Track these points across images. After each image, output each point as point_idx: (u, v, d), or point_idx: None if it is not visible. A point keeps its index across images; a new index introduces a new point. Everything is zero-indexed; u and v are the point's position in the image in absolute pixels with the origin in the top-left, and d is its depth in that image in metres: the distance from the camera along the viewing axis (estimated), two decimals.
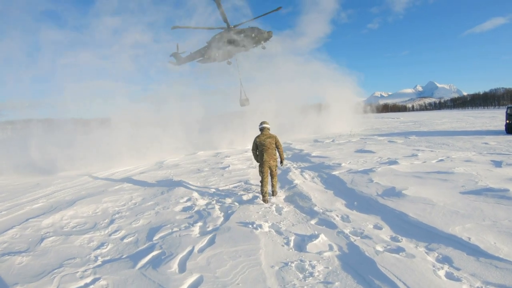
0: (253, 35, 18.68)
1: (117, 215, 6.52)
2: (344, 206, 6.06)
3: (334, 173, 8.71)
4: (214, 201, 6.93)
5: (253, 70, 22.70)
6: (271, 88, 23.19)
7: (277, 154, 6.88)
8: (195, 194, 7.62)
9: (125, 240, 5.06)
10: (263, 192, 6.61)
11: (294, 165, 10.83)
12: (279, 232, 4.80)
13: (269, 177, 7.28)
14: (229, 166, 11.12)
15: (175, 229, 5.25)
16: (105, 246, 4.87)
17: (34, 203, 8.19)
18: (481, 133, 19.30)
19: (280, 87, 23.97)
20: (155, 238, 4.95)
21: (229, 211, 6.01)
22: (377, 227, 4.95)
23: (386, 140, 17.57)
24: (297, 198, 6.69)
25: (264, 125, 6.90)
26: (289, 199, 6.76)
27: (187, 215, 6.08)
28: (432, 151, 12.21)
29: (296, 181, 8.01)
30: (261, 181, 6.67)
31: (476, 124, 28.47)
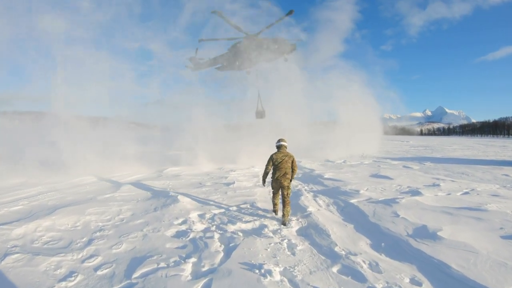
0: (276, 46, 17.93)
1: (98, 233, 5.55)
2: (370, 247, 5.01)
3: (352, 201, 7.67)
4: (214, 226, 5.92)
5: (273, 82, 21.81)
6: (288, 102, 22.16)
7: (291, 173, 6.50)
8: (193, 215, 6.62)
9: (99, 272, 4.08)
10: (273, 203, 6.76)
11: (306, 187, 9.81)
12: (293, 284, 3.76)
13: (280, 200, 6.60)
14: (234, 182, 10.12)
15: (162, 264, 4.24)
16: (73, 277, 3.92)
17: (13, 205, 7.37)
18: (497, 163, 18.45)
19: (297, 102, 22.92)
20: (135, 275, 3.94)
21: (231, 244, 4.97)
22: (414, 281, 3.92)
23: (400, 165, 16.51)
24: (312, 232, 5.65)
25: (282, 143, 6.57)
26: (303, 232, 5.71)
27: (179, 243, 5.07)
28: (453, 181, 11.19)
29: (310, 208, 6.98)
30: (273, 193, 6.71)
31: (488, 153, 27.56)
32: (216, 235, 5.37)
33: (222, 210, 6.99)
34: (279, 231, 5.65)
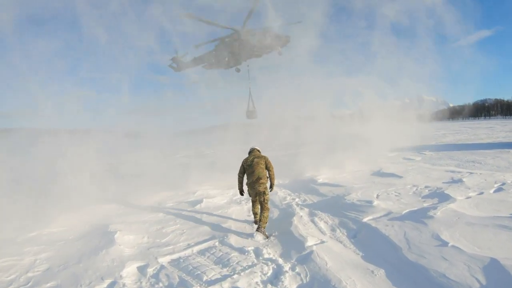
0: (268, 39, 16.09)
1: None
2: None
3: (366, 219, 5.39)
4: None
5: (266, 78, 19.70)
6: (287, 97, 20.03)
7: (268, 178, 5.64)
8: (128, 270, 4.17)
9: None
10: (254, 213, 5.88)
11: (297, 200, 7.43)
12: None
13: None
14: (202, 201, 7.56)
15: None
16: None
17: None
18: (498, 146, 17.26)
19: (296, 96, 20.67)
20: None
21: None
22: None
23: (399, 156, 14.56)
24: None
25: (254, 147, 5.99)
26: None
27: None
28: (471, 173, 9.28)
29: (309, 242, 4.58)
30: (252, 203, 5.82)
31: (480, 136, 26.74)
32: None
33: (176, 256, 4.50)
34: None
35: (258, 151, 5.86)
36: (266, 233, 5.23)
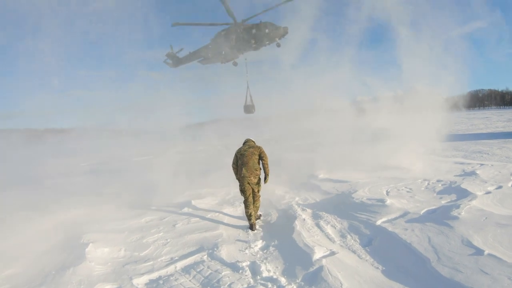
0: (266, 31, 15.49)
1: None
2: None
3: (380, 222, 4.64)
4: None
5: (265, 72, 19.02)
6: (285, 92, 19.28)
7: (261, 169, 5.51)
8: None
9: None
10: (248, 215, 5.33)
11: (298, 199, 6.65)
12: None
13: None
14: (190, 202, 6.73)
15: None
16: None
17: None
18: (500, 136, 16.99)
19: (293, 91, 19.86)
20: None
21: None
22: None
23: (400, 147, 13.84)
24: None
25: (248, 138, 5.81)
26: None
27: None
28: (482, 164, 8.66)
29: (317, 253, 3.80)
30: (244, 202, 5.42)
31: (478, 126, 26.42)
32: None
33: (155, 276, 3.68)
34: None
35: (253, 141, 5.67)
36: (259, 214, 5.47)
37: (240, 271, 3.55)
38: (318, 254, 3.78)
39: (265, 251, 4.18)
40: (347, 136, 12.92)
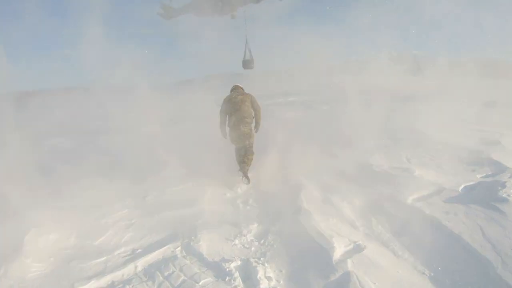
0: None
1: None
2: None
3: (410, 200, 3.58)
4: None
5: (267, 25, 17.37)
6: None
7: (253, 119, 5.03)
8: None
9: None
10: (238, 162, 4.87)
11: (299, 163, 5.43)
12: None
13: None
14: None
15: None
16: None
17: None
18: None
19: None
20: None
21: None
22: None
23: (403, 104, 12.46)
24: None
25: (237, 84, 5.30)
26: None
27: None
28: (502, 134, 7.42)
29: (336, 249, 2.66)
30: (235, 149, 5.01)
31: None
32: None
33: (106, 282, 2.56)
34: None
35: (242, 88, 5.23)
36: (248, 176, 4.69)
37: (227, 277, 2.46)
38: (339, 249, 2.68)
39: (262, 241, 3.05)
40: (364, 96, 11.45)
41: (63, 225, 3.60)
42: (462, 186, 3.92)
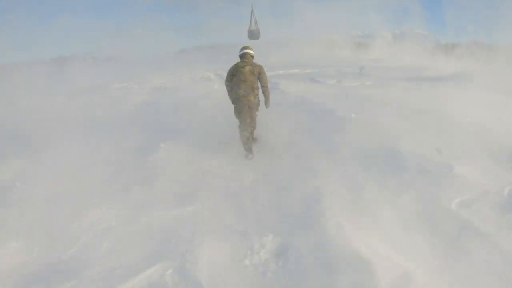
0: None
1: None
2: None
3: (454, 204, 2.89)
4: None
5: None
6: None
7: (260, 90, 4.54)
8: None
9: None
10: (244, 139, 4.48)
11: (312, 143, 4.66)
12: None
13: None
14: (158, 145, 4.65)
15: None
16: None
17: None
18: None
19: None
20: None
21: None
22: None
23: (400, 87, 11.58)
24: None
25: (247, 51, 4.63)
26: None
27: None
28: None
29: (380, 277, 2.00)
30: (240, 125, 4.53)
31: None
32: None
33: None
34: None
35: (252, 56, 4.64)
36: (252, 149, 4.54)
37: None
38: (384, 277, 2.04)
39: (279, 263, 2.36)
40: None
41: (27, 229, 2.85)
42: (507, 189, 3.25)
